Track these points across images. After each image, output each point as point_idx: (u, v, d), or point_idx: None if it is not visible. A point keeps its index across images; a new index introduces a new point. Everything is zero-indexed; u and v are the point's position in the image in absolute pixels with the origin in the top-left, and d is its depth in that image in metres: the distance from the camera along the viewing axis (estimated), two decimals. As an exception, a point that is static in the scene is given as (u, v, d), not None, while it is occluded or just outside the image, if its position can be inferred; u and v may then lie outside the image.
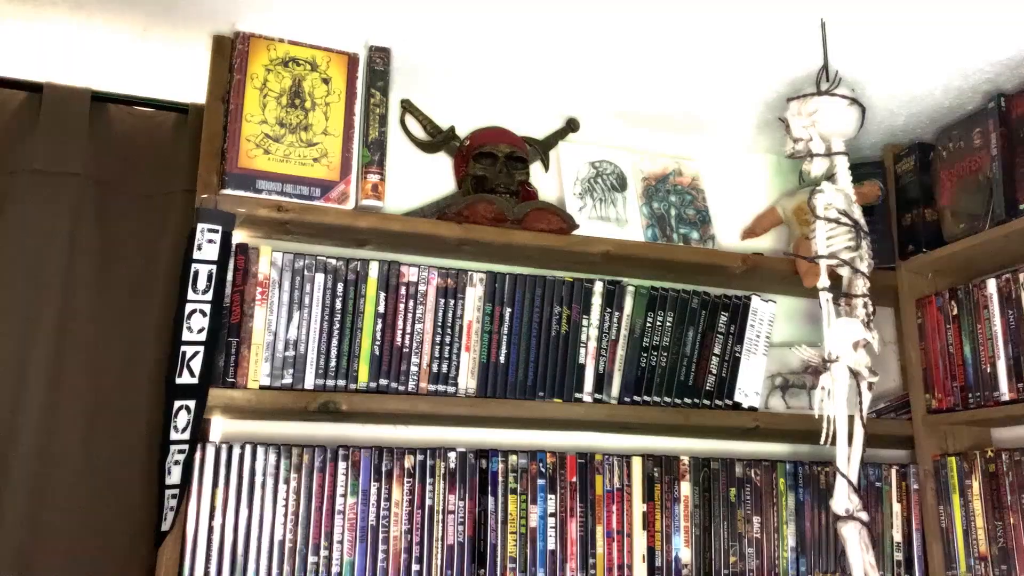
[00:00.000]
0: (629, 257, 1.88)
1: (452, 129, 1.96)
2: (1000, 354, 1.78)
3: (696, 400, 1.87)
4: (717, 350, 1.90)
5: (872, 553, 1.61)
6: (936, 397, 1.93)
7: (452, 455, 1.70)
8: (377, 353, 1.69)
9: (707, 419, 1.86)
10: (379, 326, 1.69)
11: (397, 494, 1.66)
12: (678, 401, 1.86)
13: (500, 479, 1.73)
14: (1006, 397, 1.76)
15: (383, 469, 1.66)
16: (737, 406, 1.90)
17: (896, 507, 1.95)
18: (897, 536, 1.94)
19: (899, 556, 1.93)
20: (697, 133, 2.15)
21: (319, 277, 1.68)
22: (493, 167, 1.86)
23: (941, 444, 1.95)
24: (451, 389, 1.72)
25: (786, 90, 1.88)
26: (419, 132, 1.96)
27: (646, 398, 1.84)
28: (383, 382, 1.68)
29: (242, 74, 1.71)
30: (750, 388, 1.91)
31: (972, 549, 1.82)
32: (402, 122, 1.95)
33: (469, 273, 1.77)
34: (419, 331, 1.71)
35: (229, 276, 1.62)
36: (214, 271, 1.58)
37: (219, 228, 1.60)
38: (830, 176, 1.75)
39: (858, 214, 1.74)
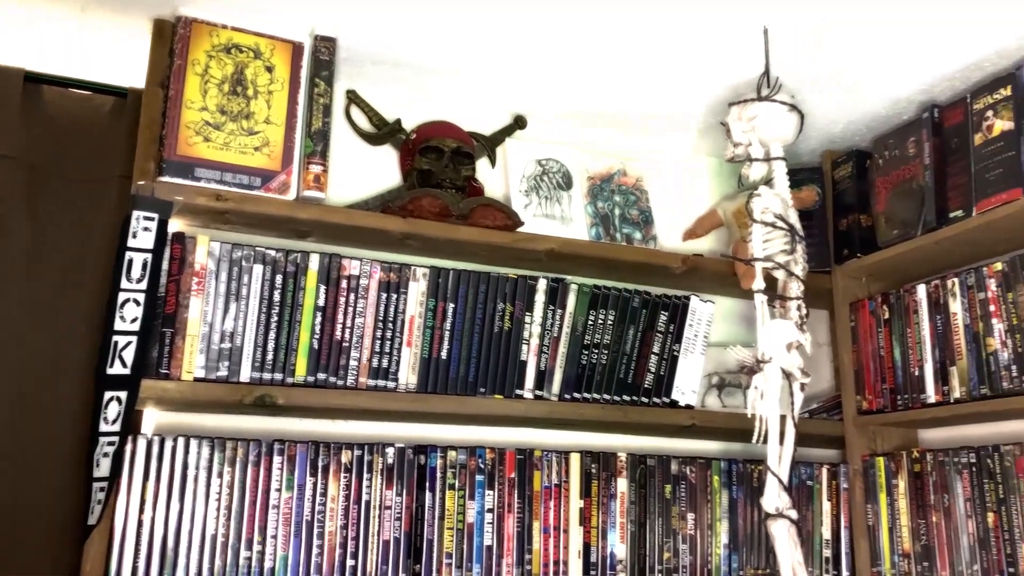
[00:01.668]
0: (573, 255, 1.89)
1: (398, 122, 1.95)
2: (928, 358, 1.83)
3: (635, 397, 1.90)
4: (656, 349, 1.92)
5: (800, 550, 1.65)
6: (866, 398, 1.98)
7: (390, 451, 1.70)
8: (316, 347, 1.67)
9: (645, 416, 1.88)
10: (318, 319, 1.68)
11: (333, 489, 1.65)
12: (617, 398, 1.88)
13: (439, 475, 1.72)
14: (932, 399, 1.82)
15: (319, 464, 1.65)
16: (674, 404, 1.93)
17: (826, 505, 2.00)
18: (826, 533, 1.99)
19: (827, 553, 1.98)
20: (642, 134, 2.17)
21: (257, 268, 1.66)
22: (439, 161, 1.86)
23: (870, 444, 2.00)
24: (391, 384, 1.71)
25: (729, 95, 1.91)
26: (365, 124, 1.94)
27: (586, 395, 1.85)
28: (321, 376, 1.67)
29: (183, 59, 1.67)
30: (687, 386, 1.94)
31: (897, 546, 1.88)
32: (347, 113, 1.93)
33: (412, 268, 1.76)
34: (360, 325, 1.70)
35: (165, 265, 1.59)
36: (149, 260, 1.55)
37: (155, 216, 1.57)
38: (768, 180, 1.78)
39: (794, 218, 1.78)
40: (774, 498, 1.64)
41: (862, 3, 1.60)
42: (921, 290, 1.87)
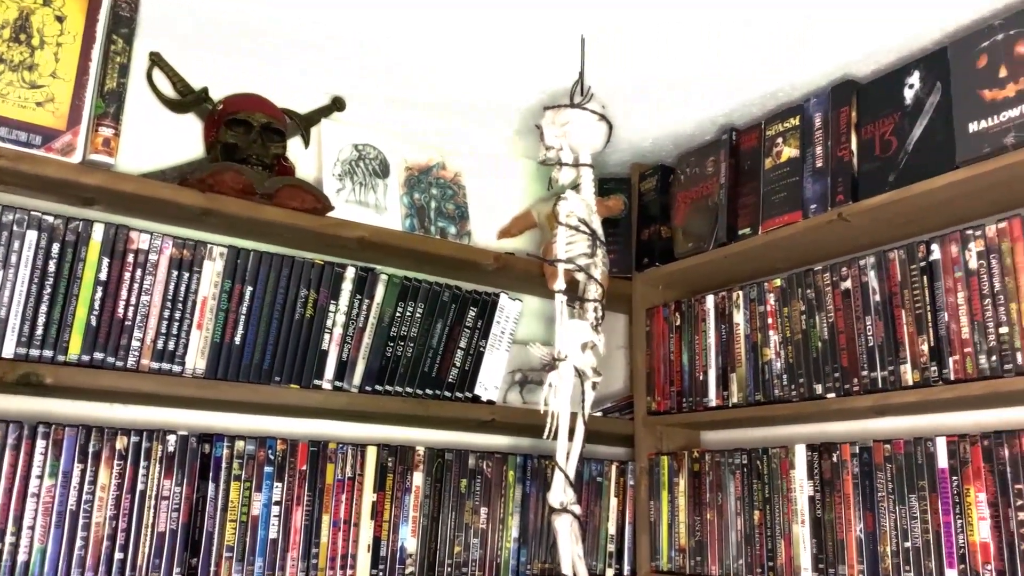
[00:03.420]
0: (385, 245, 1.86)
1: (205, 90, 1.84)
2: (711, 364, 1.95)
3: (438, 391, 1.89)
4: (463, 344, 1.93)
5: (582, 545, 1.71)
6: (656, 400, 2.09)
7: (172, 438, 1.60)
8: (94, 324, 1.54)
9: (446, 411, 1.88)
10: (99, 295, 1.55)
11: (104, 477, 1.53)
12: (419, 392, 1.87)
13: (224, 465, 1.64)
14: (713, 403, 1.94)
15: (90, 450, 1.53)
16: (476, 399, 1.94)
17: (613, 501, 2.09)
18: (612, 529, 2.08)
19: (611, 548, 2.07)
20: (464, 130, 2.17)
21: (31, 234, 1.51)
22: (246, 136, 1.77)
23: (657, 444, 2.11)
24: (177, 368, 1.61)
25: (546, 99, 1.95)
26: (168, 90, 1.82)
27: (388, 388, 1.83)
28: (98, 356, 1.54)
29: (-46, -5, 1.50)
30: (490, 382, 1.96)
31: (674, 541, 1.98)
32: (149, 76, 1.80)
33: (209, 246, 1.67)
34: (145, 303, 1.59)
35: (-85, 223, 1.41)
36: None
37: (-93, 167, 1.40)
38: (576, 186, 1.83)
39: (597, 224, 1.84)
40: (560, 493, 1.69)
41: (675, 28, 1.67)
42: (710, 300, 1.99)
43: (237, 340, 1.67)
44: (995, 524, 1.43)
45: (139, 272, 1.59)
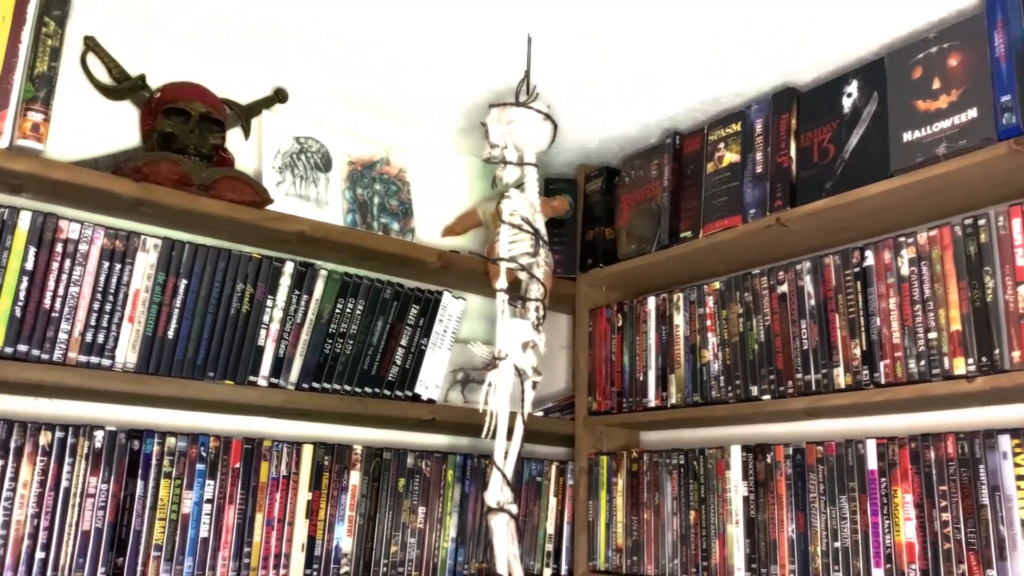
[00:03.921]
0: (325, 240, 1.83)
1: (142, 77, 1.79)
2: (651, 364, 1.97)
3: (377, 390, 1.87)
4: (404, 342, 1.91)
5: (518, 545, 1.70)
6: (597, 400, 2.10)
7: (99, 434, 1.55)
8: (18, 315, 1.49)
9: (385, 409, 1.86)
10: (24, 284, 1.50)
11: (27, 474, 1.48)
12: (358, 390, 1.85)
13: (154, 462, 1.60)
14: (652, 403, 1.95)
15: (11, 445, 1.47)
16: (416, 398, 1.93)
17: (552, 501, 2.09)
18: (550, 528, 2.08)
19: (550, 547, 2.07)
20: (409, 125, 2.15)
21: (-48, 221, 1.45)
22: (184, 126, 1.73)
23: (597, 444, 2.11)
24: (107, 362, 1.57)
25: (492, 97, 1.94)
26: (103, 76, 1.77)
27: (326, 385, 1.80)
28: (22, 348, 1.49)
29: None
30: (431, 381, 1.94)
31: (611, 541, 1.99)
32: (83, 61, 1.75)
33: (143, 237, 1.62)
34: (74, 295, 1.54)
35: None
36: None
37: None
38: (520, 184, 1.83)
39: (540, 223, 1.84)
40: (496, 492, 1.68)
41: (621, 31, 1.68)
42: (651, 302, 2.00)
43: (170, 334, 1.63)
44: (920, 525, 1.47)
45: (68, 262, 1.54)
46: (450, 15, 1.67)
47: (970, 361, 1.42)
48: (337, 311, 1.82)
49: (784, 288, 1.72)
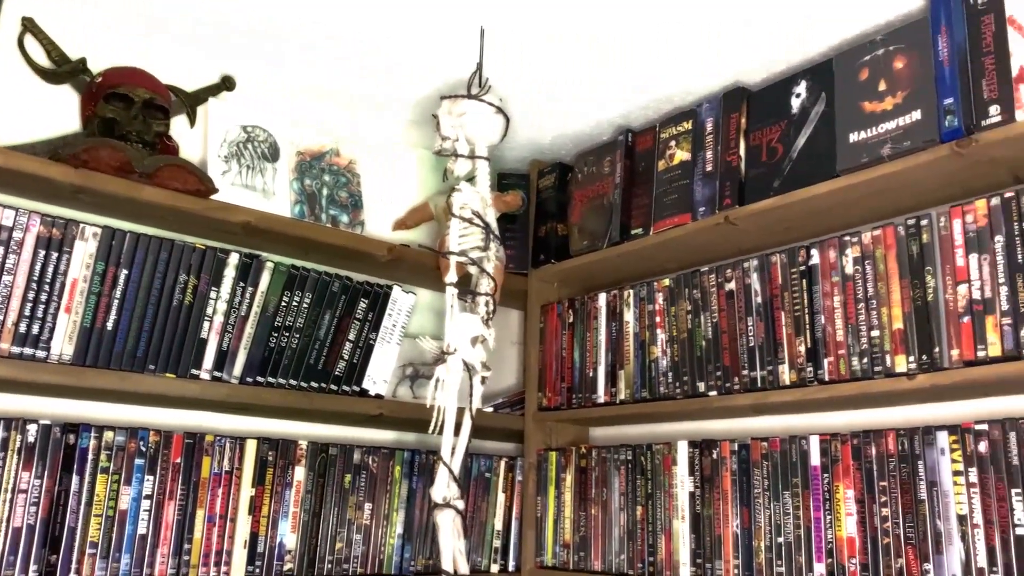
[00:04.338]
0: (272, 231, 1.80)
1: (83, 61, 1.74)
2: (601, 361, 1.97)
3: (323, 384, 1.85)
4: (352, 336, 1.89)
5: (464, 541, 1.69)
6: (547, 395, 2.09)
7: (33, 427, 1.50)
8: (-53, 303, 1.44)
9: (332, 404, 1.84)
10: (-47, 272, 1.45)
11: (-46, 469, 1.43)
12: (304, 384, 1.82)
13: (90, 456, 1.56)
14: (601, 399, 1.95)
15: (-62, 439, 1.42)
16: (364, 393, 1.90)
17: (501, 497, 2.08)
18: (498, 524, 2.07)
19: (497, 543, 2.06)
20: (360, 117, 2.13)
21: None
22: (127, 112, 1.68)
23: (546, 440, 2.11)
24: (41, 353, 1.52)
25: (445, 88, 1.92)
26: (42, 58, 1.71)
27: (271, 379, 1.77)
28: (-49, 338, 1.44)
29: None
30: (379, 376, 1.92)
31: (559, 537, 1.99)
32: (20, 43, 1.69)
33: (81, 226, 1.58)
34: (7, 284, 1.49)
35: None
36: None
37: None
38: (471, 178, 1.82)
39: (491, 217, 1.83)
40: (443, 488, 1.67)
41: (576, 27, 1.68)
42: (602, 298, 2.01)
43: (109, 325, 1.59)
44: (860, 520, 1.49)
45: (1, 250, 1.49)
46: (403, 4, 1.65)
47: (911, 359, 1.45)
48: (283, 304, 1.79)
49: (732, 286, 1.74)
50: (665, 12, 1.63)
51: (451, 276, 1.75)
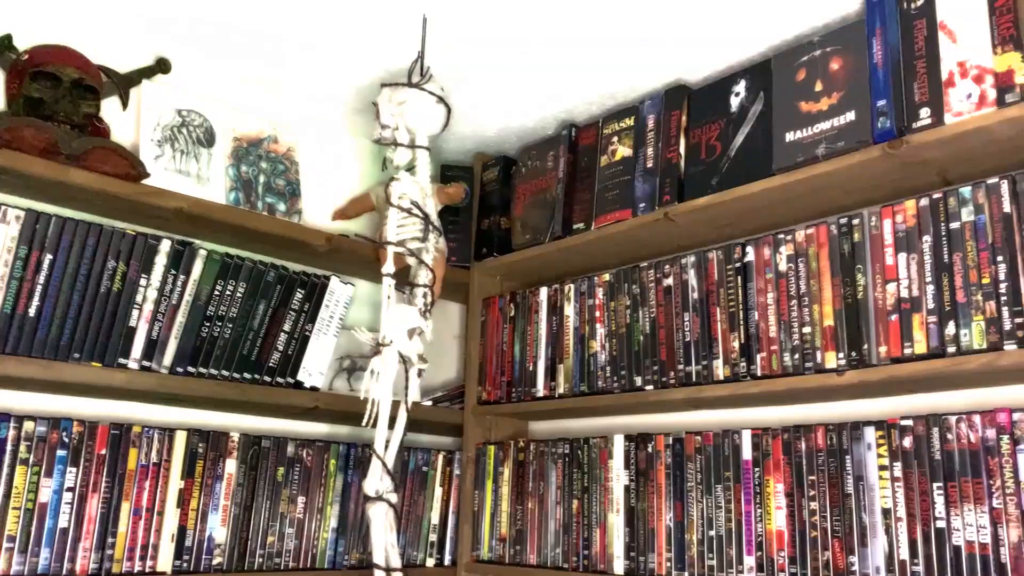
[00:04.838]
0: (205, 218, 1.76)
1: (9, 38, 1.67)
2: (541, 355, 1.97)
3: (257, 376, 1.81)
4: (287, 327, 1.85)
5: (396, 535, 1.67)
6: (487, 389, 2.09)
7: (-53, 417, 1.45)
8: None
9: (265, 396, 1.80)
10: None
11: None
12: (237, 375, 1.78)
13: (9, 447, 1.50)
14: (541, 393, 1.95)
15: None
16: (299, 385, 1.87)
17: (438, 491, 2.07)
18: (435, 519, 2.06)
19: (434, 537, 2.05)
20: (299, 103, 2.09)
21: None
22: (54, 91, 1.62)
23: (486, 433, 2.10)
24: (-43, 340, 1.46)
25: (387, 77, 1.90)
26: (-36, 33, 1.65)
27: (202, 370, 1.73)
28: None
29: None
30: (315, 368, 1.89)
31: (495, 531, 1.99)
32: (-60, 16, 1.62)
33: (3, 208, 1.52)
34: (-80, 266, 1.43)
35: None
36: None
37: None
38: (411, 168, 1.80)
39: (431, 208, 1.81)
40: (376, 481, 1.65)
41: (519, 19, 1.67)
42: (543, 292, 2.00)
43: (32, 312, 1.53)
44: (790, 513, 1.51)
45: (-86, 231, 1.43)
46: (343, -9, 1.63)
47: (840, 355, 1.47)
48: (216, 293, 1.75)
49: (670, 281, 1.75)
50: (609, 8, 1.63)
51: (388, 266, 1.73)
